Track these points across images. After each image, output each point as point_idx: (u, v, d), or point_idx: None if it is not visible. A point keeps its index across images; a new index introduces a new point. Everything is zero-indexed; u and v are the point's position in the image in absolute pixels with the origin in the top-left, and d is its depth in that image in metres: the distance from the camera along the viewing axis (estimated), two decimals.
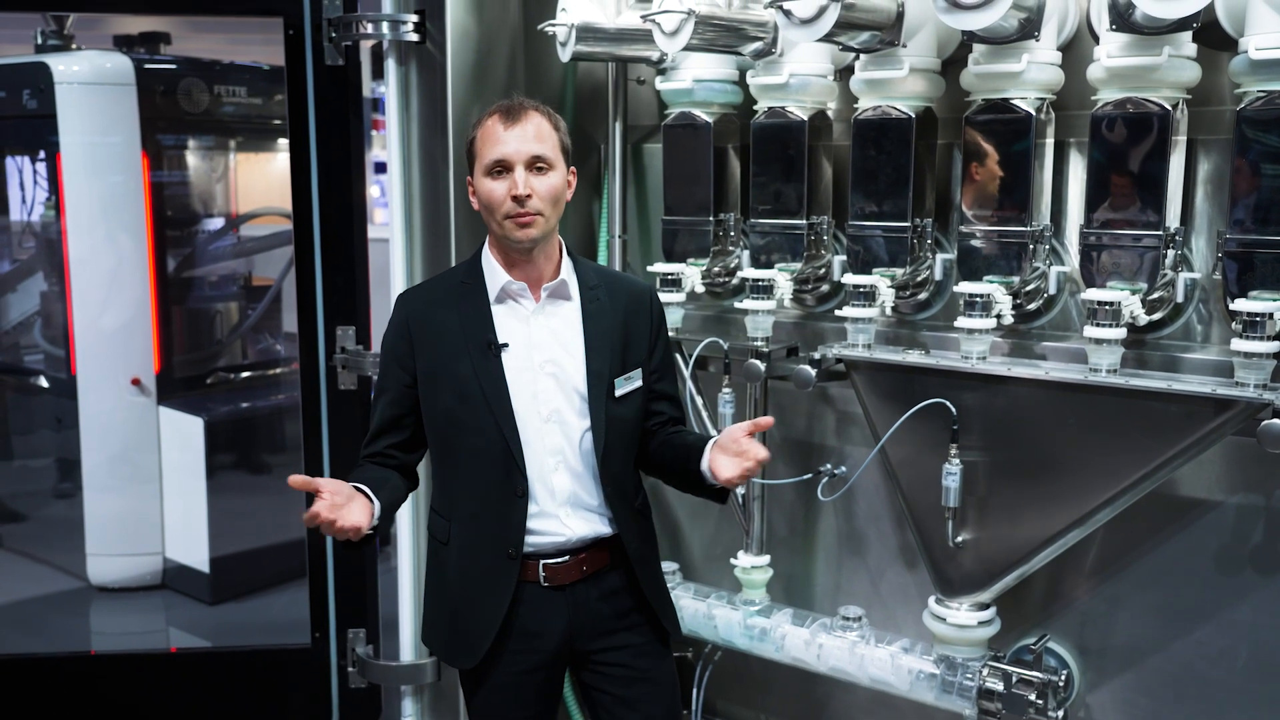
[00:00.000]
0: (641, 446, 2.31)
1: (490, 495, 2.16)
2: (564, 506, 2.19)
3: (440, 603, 2.28)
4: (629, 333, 2.22)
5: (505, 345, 2.15)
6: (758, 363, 2.83)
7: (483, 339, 2.14)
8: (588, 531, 2.21)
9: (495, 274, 2.18)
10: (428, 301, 2.23)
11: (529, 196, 2.07)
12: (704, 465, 2.13)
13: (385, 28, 2.95)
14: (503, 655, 2.20)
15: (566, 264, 2.22)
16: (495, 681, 2.22)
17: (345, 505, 2.00)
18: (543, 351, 2.16)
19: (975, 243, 2.56)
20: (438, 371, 2.17)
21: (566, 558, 2.20)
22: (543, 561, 2.18)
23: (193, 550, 4.73)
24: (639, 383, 2.24)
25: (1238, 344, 2.19)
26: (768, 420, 2.12)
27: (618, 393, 2.19)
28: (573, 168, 2.19)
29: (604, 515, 2.22)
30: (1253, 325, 2.17)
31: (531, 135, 2.09)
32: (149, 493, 4.77)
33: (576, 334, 2.19)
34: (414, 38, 2.94)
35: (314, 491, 1.97)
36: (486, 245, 2.23)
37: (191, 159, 5.13)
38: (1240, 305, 2.19)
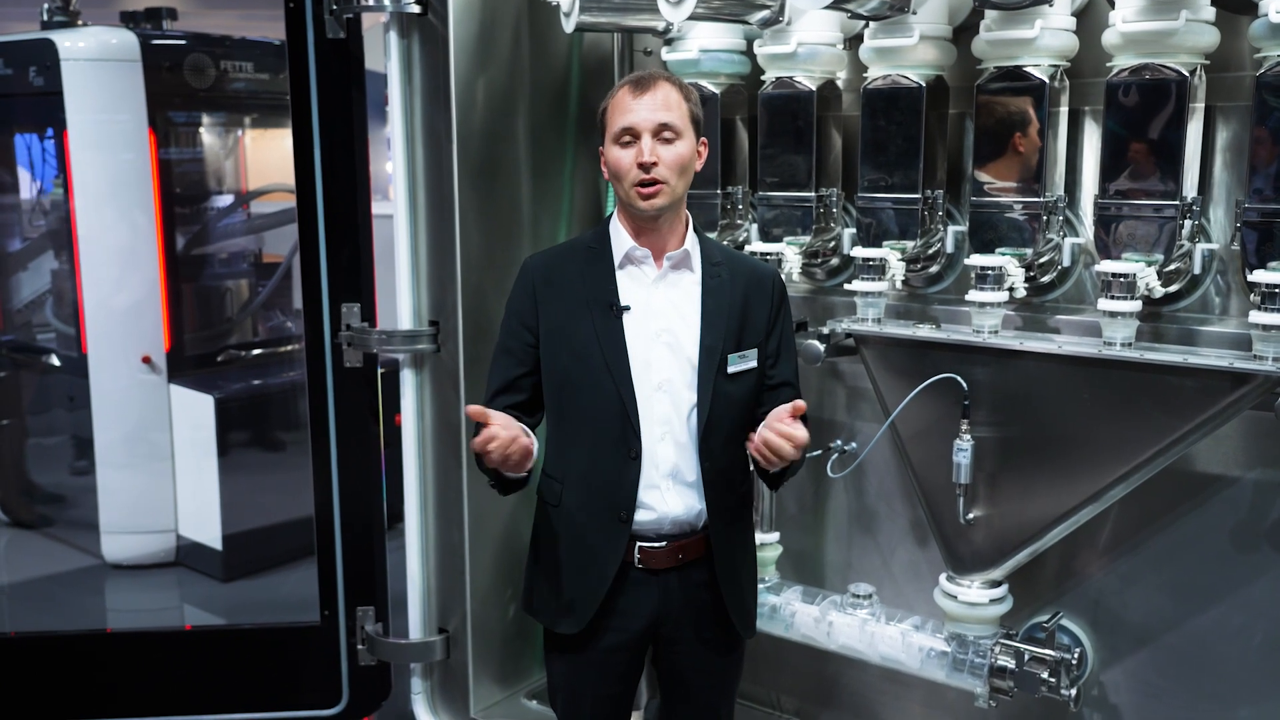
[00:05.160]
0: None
1: (604, 456, 2.18)
2: (666, 479, 2.19)
3: (546, 568, 2.28)
4: (747, 312, 2.22)
5: (627, 308, 2.16)
6: None
7: (605, 301, 2.17)
8: (684, 511, 2.20)
9: (621, 240, 2.20)
10: (554, 264, 2.25)
11: (655, 164, 2.08)
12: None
13: None
14: (597, 630, 2.23)
15: (691, 238, 2.22)
16: (586, 654, 2.26)
17: (517, 435, 2.02)
18: (660, 320, 2.18)
19: (987, 214, 2.51)
20: (559, 331, 2.19)
21: (663, 543, 2.21)
22: (639, 544, 2.20)
23: (205, 528, 4.74)
24: (754, 364, 2.22)
25: (1256, 316, 2.15)
26: (802, 405, 2.07)
27: (730, 370, 2.18)
28: (704, 138, 2.18)
29: (700, 495, 2.21)
30: (1272, 297, 2.13)
31: (660, 104, 2.09)
32: (162, 470, 4.78)
33: (694, 306, 2.19)
34: (415, 9, 2.90)
35: (484, 421, 2.00)
36: (615, 212, 2.24)
37: (199, 135, 5.10)
38: (1259, 276, 2.14)
